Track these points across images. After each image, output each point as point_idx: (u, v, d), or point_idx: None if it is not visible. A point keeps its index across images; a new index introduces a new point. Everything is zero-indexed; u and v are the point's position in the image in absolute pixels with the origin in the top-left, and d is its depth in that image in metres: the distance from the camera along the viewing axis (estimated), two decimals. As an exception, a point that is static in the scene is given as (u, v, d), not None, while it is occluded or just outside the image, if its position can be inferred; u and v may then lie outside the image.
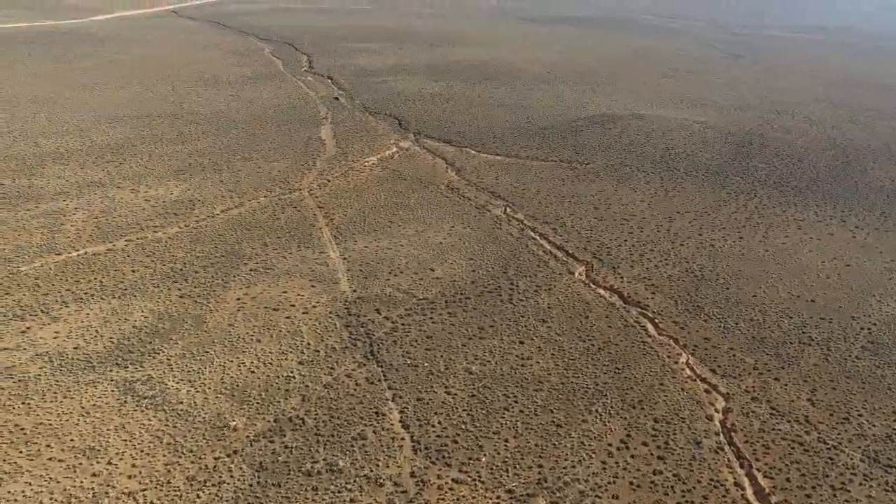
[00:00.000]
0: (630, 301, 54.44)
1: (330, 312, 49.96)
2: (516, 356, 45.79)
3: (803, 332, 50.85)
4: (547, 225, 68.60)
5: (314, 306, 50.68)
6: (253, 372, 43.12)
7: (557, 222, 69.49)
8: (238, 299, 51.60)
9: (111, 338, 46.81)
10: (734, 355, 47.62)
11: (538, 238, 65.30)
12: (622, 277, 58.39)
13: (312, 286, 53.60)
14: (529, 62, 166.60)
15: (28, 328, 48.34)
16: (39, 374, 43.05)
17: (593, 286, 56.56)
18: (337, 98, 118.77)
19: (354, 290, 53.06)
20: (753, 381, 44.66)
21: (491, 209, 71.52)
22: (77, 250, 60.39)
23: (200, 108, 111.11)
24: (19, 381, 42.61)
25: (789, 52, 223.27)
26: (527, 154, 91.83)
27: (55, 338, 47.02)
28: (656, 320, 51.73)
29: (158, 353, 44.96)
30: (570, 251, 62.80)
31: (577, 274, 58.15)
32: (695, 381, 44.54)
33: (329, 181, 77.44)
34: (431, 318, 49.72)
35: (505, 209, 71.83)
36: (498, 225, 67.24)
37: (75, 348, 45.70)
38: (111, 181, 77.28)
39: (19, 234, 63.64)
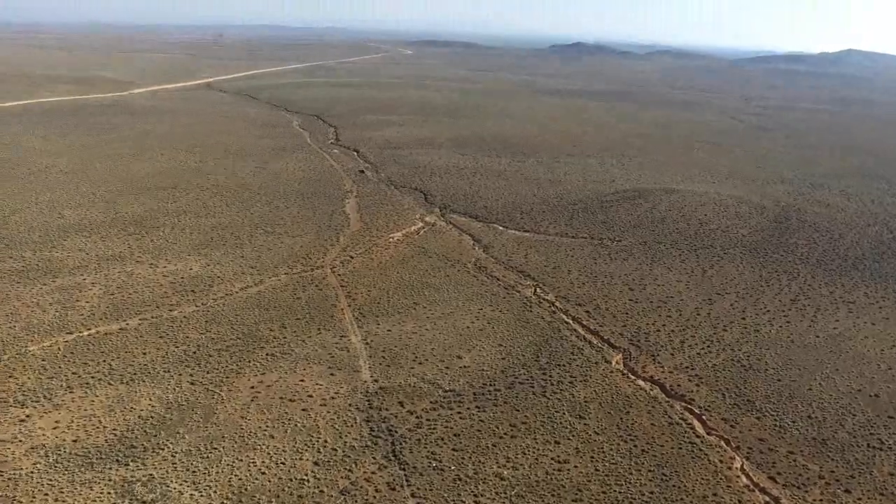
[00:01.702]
0: (673, 394, 50.17)
1: (349, 405, 46.33)
2: (552, 459, 41.55)
3: (871, 434, 46.01)
4: (580, 307, 64.96)
5: (333, 397, 47.13)
6: (264, 473, 39.34)
7: (591, 304, 65.85)
8: (252, 388, 48.26)
9: (114, 429, 43.51)
10: (795, 460, 42.86)
11: (571, 322, 61.60)
12: (663, 367, 54.22)
13: (332, 374, 50.17)
14: (554, 135, 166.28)
15: (27, 416, 45.27)
16: (32, 472, 39.65)
17: (632, 377, 52.44)
18: (362, 171, 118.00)
19: (376, 380, 49.50)
20: (821, 494, 39.78)
21: (520, 290, 68.17)
22: (89, 329, 57.87)
23: (226, 180, 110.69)
24: (9, 479, 39.21)
25: (815, 124, 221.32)
26: (556, 230, 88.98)
27: (55, 428, 43.83)
28: (704, 417, 47.31)
29: (163, 449, 41.47)
30: (606, 336, 58.92)
31: (614, 363, 54.12)
32: (753, 491, 39.82)
33: (352, 258, 74.96)
34: (459, 412, 45.85)
35: (535, 290, 68.46)
36: (528, 307, 63.74)
37: (74, 441, 42.41)
38: (131, 255, 75.54)
39: (32, 311, 61.45)
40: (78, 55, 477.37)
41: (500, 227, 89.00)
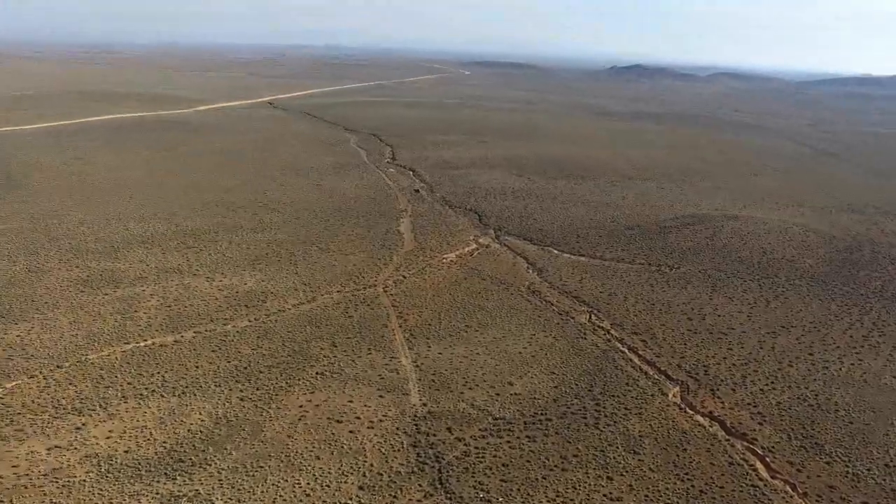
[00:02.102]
0: (734, 432, 47.80)
1: (397, 428, 45.62)
2: (604, 495, 39.90)
3: (953, 487, 42.75)
4: (635, 336, 62.96)
5: (381, 420, 46.51)
6: (308, 495, 38.88)
7: (647, 333, 63.75)
8: (301, 406, 48.07)
9: (164, 442, 43.83)
10: (869, 512, 40.08)
11: (626, 351, 59.69)
12: (723, 402, 51.83)
13: (380, 396, 49.62)
14: (612, 158, 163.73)
15: (83, 424, 46.07)
16: (85, 480, 40.18)
17: (690, 411, 50.26)
18: (417, 190, 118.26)
19: (425, 404, 48.69)
20: (897, 550, 37.05)
21: (575, 316, 66.55)
22: (146, 340, 58.92)
23: (283, 196, 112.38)
24: (63, 485, 39.81)
25: (887, 150, 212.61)
26: (612, 255, 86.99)
27: (108, 437, 44.43)
28: (767, 458, 44.84)
29: (210, 465, 41.49)
30: (663, 368, 56.81)
31: (670, 396, 52.03)
32: (821, 542, 37.33)
33: (405, 278, 74.66)
34: (508, 441, 44.61)
35: (590, 316, 66.75)
36: (582, 334, 62.09)
37: (126, 451, 42.86)
38: (189, 268, 76.97)
39: (94, 320, 63.00)
40: (149, 74, 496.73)
41: (555, 251, 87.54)
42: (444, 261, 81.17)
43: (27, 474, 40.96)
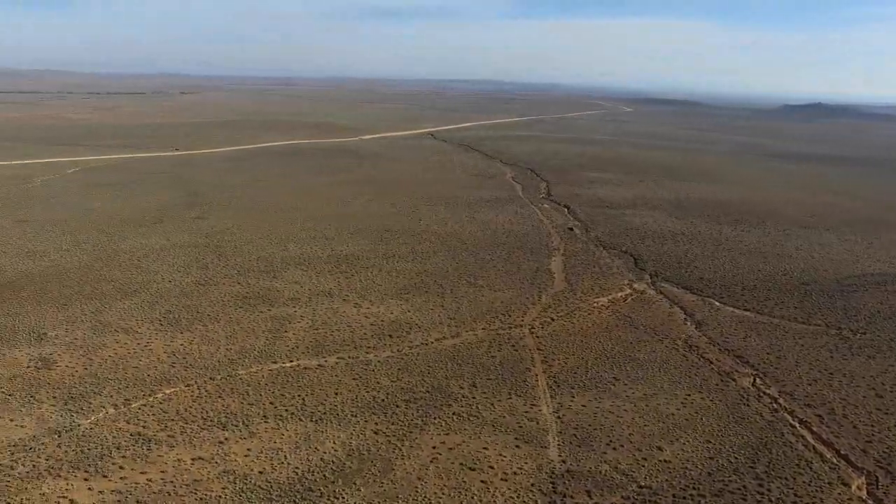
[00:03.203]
0: (937, 541, 39.93)
1: (532, 485, 42.49)
2: None
3: None
4: (809, 409, 55.39)
5: (515, 473, 43.62)
6: (433, 547, 36.79)
7: (824, 407, 55.91)
8: (434, 447, 46.33)
9: (297, 468, 43.70)
10: None
11: (797, 425, 52.51)
12: (923, 502, 43.71)
13: (517, 446, 46.76)
14: (785, 204, 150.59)
15: (226, 439, 47.20)
16: (220, 496, 40.73)
17: (880, 510, 42.77)
18: (571, 229, 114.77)
19: (564, 461, 45.18)
20: None
21: (737, 378, 59.95)
22: (291, 361, 60.21)
23: (436, 227, 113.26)
24: (200, 499, 40.57)
25: None
26: (783, 313, 78.43)
27: (246, 456, 45.08)
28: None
29: (338, 498, 40.64)
30: (843, 451, 49.21)
31: (854, 487, 44.69)
32: None
33: (553, 320, 71.48)
34: (655, 516, 40.06)
35: (754, 380, 59.86)
36: (745, 400, 55.59)
37: (260, 472, 43.14)
38: (339, 292, 78.68)
39: (247, 336, 65.60)
40: (320, 105, 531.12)
41: (717, 303, 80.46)
42: (595, 305, 77.01)
43: (172, 482, 42.29)
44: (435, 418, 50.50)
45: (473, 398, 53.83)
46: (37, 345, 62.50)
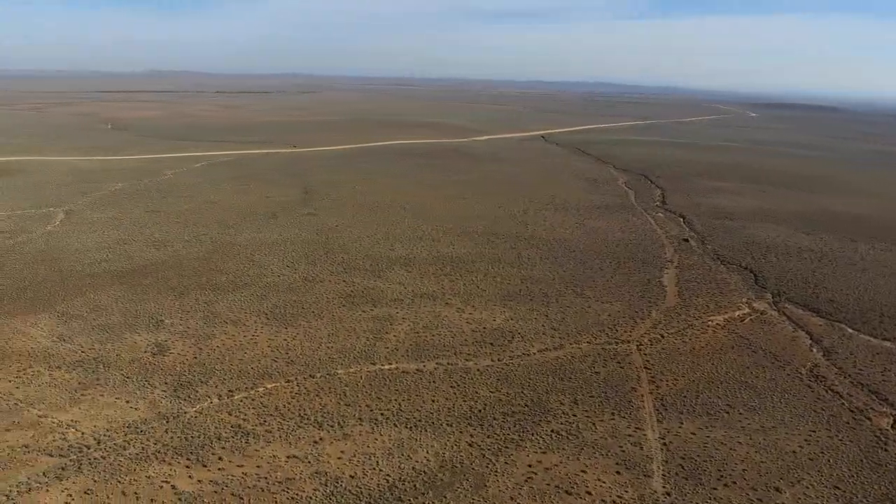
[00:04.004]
0: None
1: (632, 517, 39.62)
2: None
3: None
4: (962, 458, 48.88)
5: (614, 502, 40.82)
6: (524, 574, 34.81)
7: (980, 457, 49.20)
8: (529, 466, 44.26)
9: (388, 475, 42.90)
10: None
11: (948, 478, 46.36)
12: None
13: (618, 472, 43.87)
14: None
15: (321, 439, 47.19)
16: (311, 497, 40.57)
17: None
18: (686, 240, 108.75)
19: (668, 493, 41.87)
20: None
21: (872, 416, 53.87)
22: (391, 363, 59.79)
23: (545, 232, 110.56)
24: (292, 497, 40.59)
25: None
26: (930, 345, 70.29)
27: (339, 458, 44.80)
28: None
29: (428, 512, 39.43)
30: None
31: None
32: None
33: (663, 337, 67.38)
34: (771, 567, 36.22)
35: (894, 421, 53.63)
36: (882, 443, 49.74)
37: (352, 477, 42.66)
38: (442, 296, 77.87)
39: (348, 336, 65.90)
40: (435, 106, 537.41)
41: (849, 329, 73.26)
42: (710, 323, 72.01)
43: (266, 478, 42.63)
44: (532, 434, 48.39)
45: (574, 416, 51.25)
46: (154, 331, 65.49)
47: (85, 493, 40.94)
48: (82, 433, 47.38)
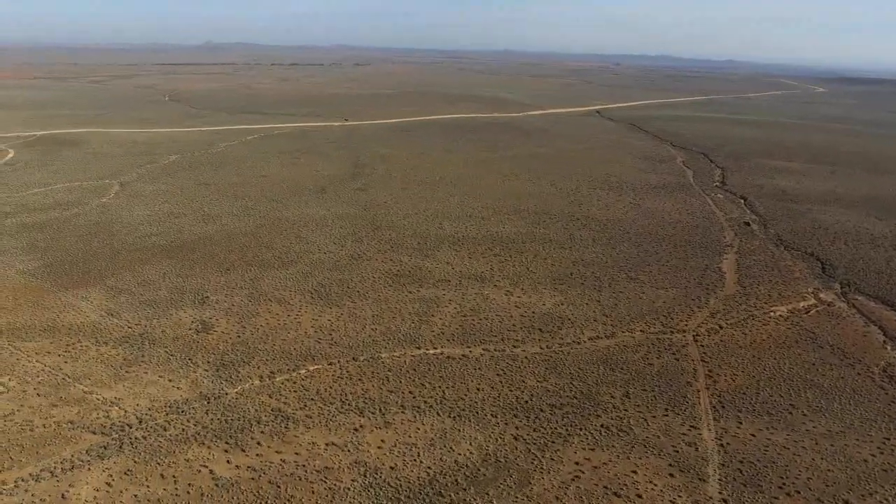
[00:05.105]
0: None
1: (686, 524, 37.23)
2: None
3: None
4: None
5: (667, 507, 38.48)
6: (568, 583, 32.96)
7: None
8: (577, 463, 42.18)
9: (429, 468, 41.44)
10: None
11: None
12: None
13: (671, 475, 41.39)
14: None
15: (361, 426, 46.03)
16: (349, 488, 39.45)
17: None
18: (748, 223, 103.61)
19: (725, 501, 39.20)
20: None
21: (956, 423, 49.85)
22: (436, 348, 58.22)
23: (598, 212, 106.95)
24: (330, 488, 39.55)
25: None
26: None
27: (379, 447, 43.55)
28: None
29: (468, 510, 37.82)
30: None
31: None
32: None
33: (721, 328, 63.91)
34: (840, 587, 33.46)
35: (978, 428, 49.42)
36: (966, 453, 45.87)
37: (392, 468, 41.37)
38: (491, 277, 75.76)
39: (393, 317, 64.51)
40: (484, 78, 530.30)
41: (928, 325, 68.28)
42: (772, 314, 68.05)
43: (304, 465, 41.73)
44: (581, 429, 46.22)
45: (625, 410, 48.82)
46: (199, 308, 65.38)
47: (125, 473, 40.72)
48: (125, 411, 47.35)
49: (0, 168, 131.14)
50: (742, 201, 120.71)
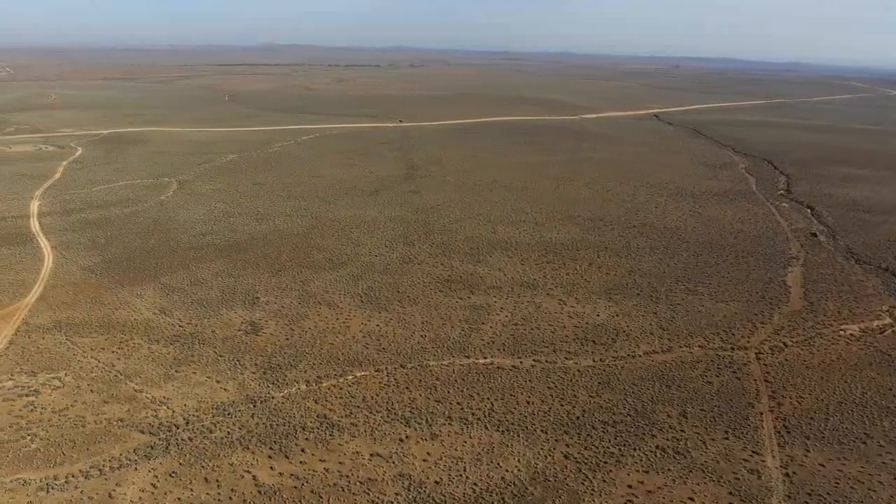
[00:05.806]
0: None
1: (749, 560, 34.95)
2: None
3: None
4: None
5: (726, 540, 36.22)
6: None
7: None
8: (630, 487, 40.22)
9: (475, 484, 40.13)
10: None
11: None
12: None
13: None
14: None
15: (407, 437, 45.02)
16: (392, 502, 38.43)
17: None
18: (815, 234, 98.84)
19: (793, 536, 36.75)
20: None
21: None
22: (485, 357, 56.85)
23: (656, 219, 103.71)
24: (372, 501, 38.62)
25: None
26: None
27: (424, 461, 42.44)
28: None
29: (516, 532, 36.34)
30: None
31: None
32: None
33: (786, 346, 60.63)
34: None
35: None
36: None
37: (436, 483, 40.21)
38: (543, 285, 73.93)
39: (443, 324, 63.40)
40: (539, 80, 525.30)
41: None
42: (842, 333, 64.30)
43: (347, 476, 40.98)
44: (635, 449, 44.18)
45: (682, 431, 46.52)
46: (249, 308, 65.59)
47: (170, 475, 40.67)
48: (173, 411, 47.49)
49: (68, 165, 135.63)
50: (809, 210, 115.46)
